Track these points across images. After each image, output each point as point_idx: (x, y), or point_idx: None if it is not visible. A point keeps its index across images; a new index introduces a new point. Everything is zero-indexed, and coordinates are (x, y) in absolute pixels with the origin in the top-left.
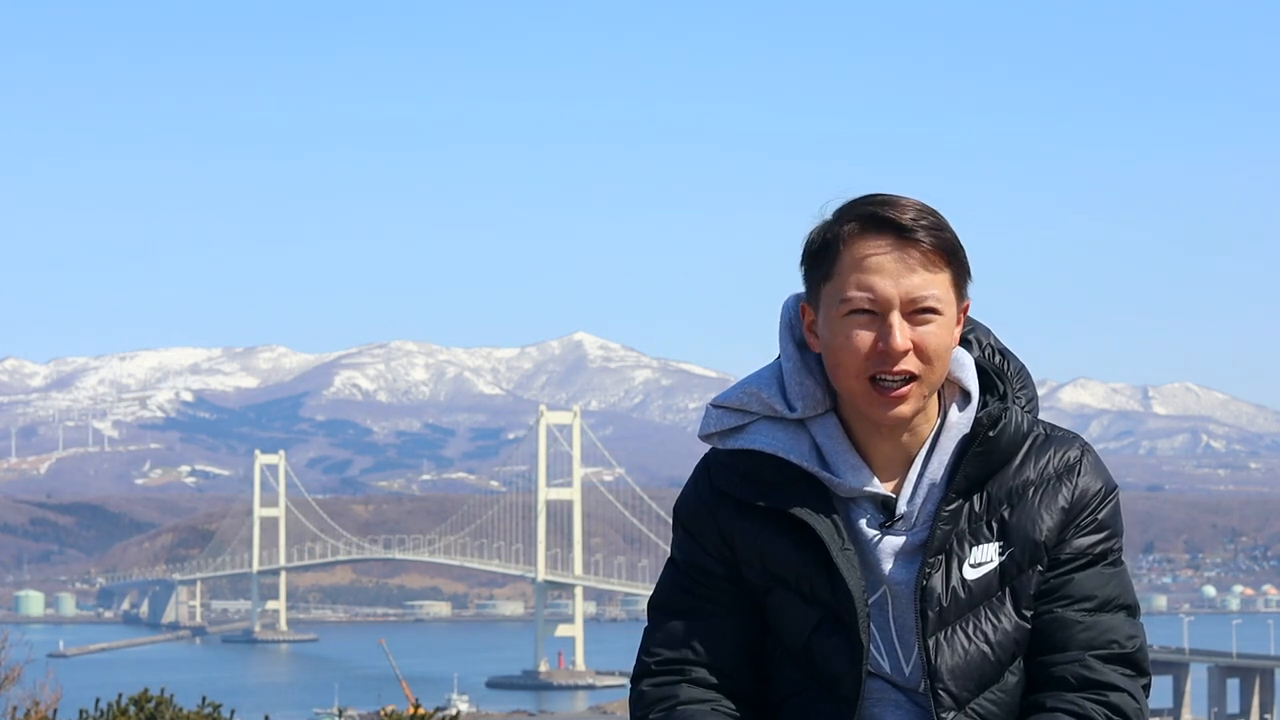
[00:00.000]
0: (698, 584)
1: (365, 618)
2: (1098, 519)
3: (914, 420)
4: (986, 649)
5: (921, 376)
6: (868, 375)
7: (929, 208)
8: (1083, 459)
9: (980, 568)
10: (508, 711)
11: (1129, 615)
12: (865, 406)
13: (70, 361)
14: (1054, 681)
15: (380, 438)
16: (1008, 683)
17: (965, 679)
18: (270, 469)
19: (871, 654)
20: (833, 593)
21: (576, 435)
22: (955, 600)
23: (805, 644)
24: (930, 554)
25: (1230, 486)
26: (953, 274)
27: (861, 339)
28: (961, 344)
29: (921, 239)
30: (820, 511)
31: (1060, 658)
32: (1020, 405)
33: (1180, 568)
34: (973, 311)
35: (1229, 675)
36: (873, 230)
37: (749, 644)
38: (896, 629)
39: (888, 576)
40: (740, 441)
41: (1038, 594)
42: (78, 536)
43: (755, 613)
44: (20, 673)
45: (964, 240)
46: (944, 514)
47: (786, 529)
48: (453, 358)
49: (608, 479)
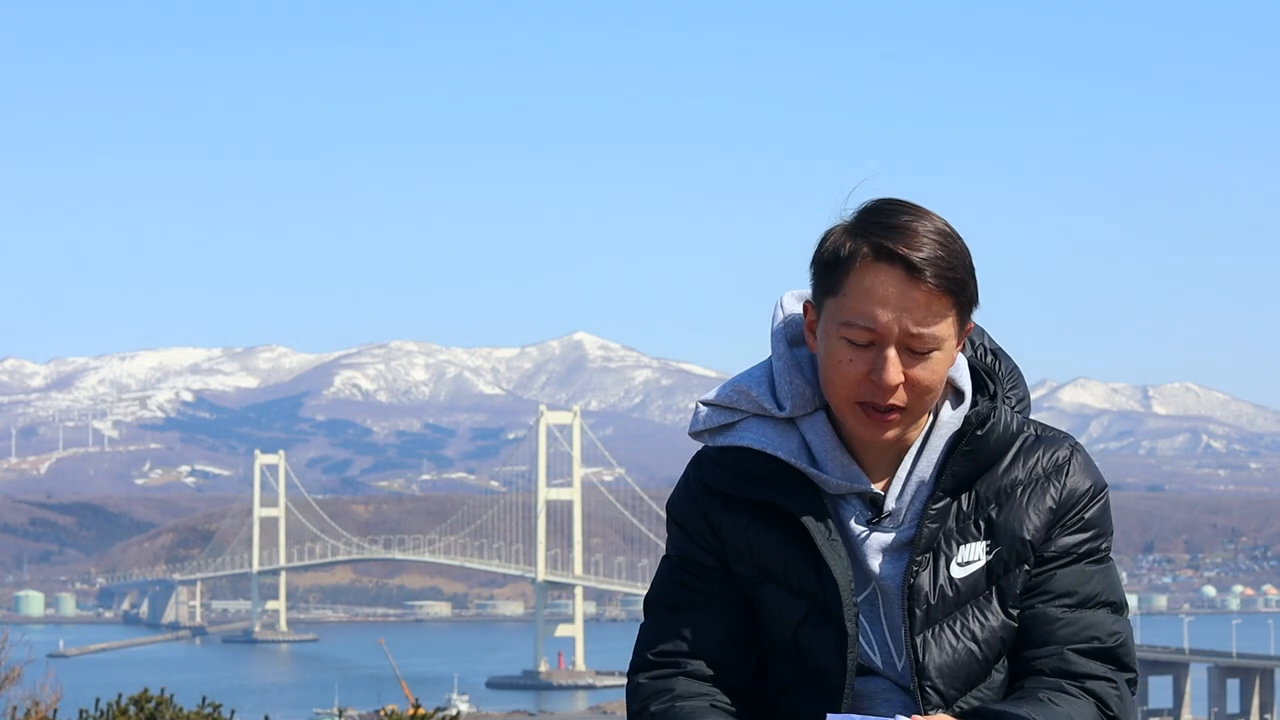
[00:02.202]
0: (692, 578)
1: (365, 618)
2: (1084, 518)
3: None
4: (974, 647)
5: (910, 408)
6: (856, 400)
7: (945, 241)
8: (1072, 459)
9: (968, 566)
10: (508, 711)
11: (1112, 612)
12: (853, 426)
13: (70, 361)
14: (1033, 674)
15: (380, 438)
16: (994, 680)
17: (953, 677)
18: (270, 469)
19: (863, 649)
20: (820, 584)
21: (576, 435)
22: (943, 598)
23: (793, 636)
24: (917, 552)
25: (1230, 486)
26: (957, 312)
27: (855, 366)
28: None
29: (929, 280)
30: (807, 506)
31: (1040, 652)
32: (1010, 405)
33: (1180, 568)
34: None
35: (1229, 675)
36: (884, 261)
37: (744, 636)
38: (887, 624)
39: (876, 573)
40: (729, 439)
41: (1022, 591)
42: (78, 536)
43: (749, 606)
44: (20, 673)
45: (964, 241)
46: (931, 512)
47: (774, 524)
48: (453, 358)
49: (608, 479)
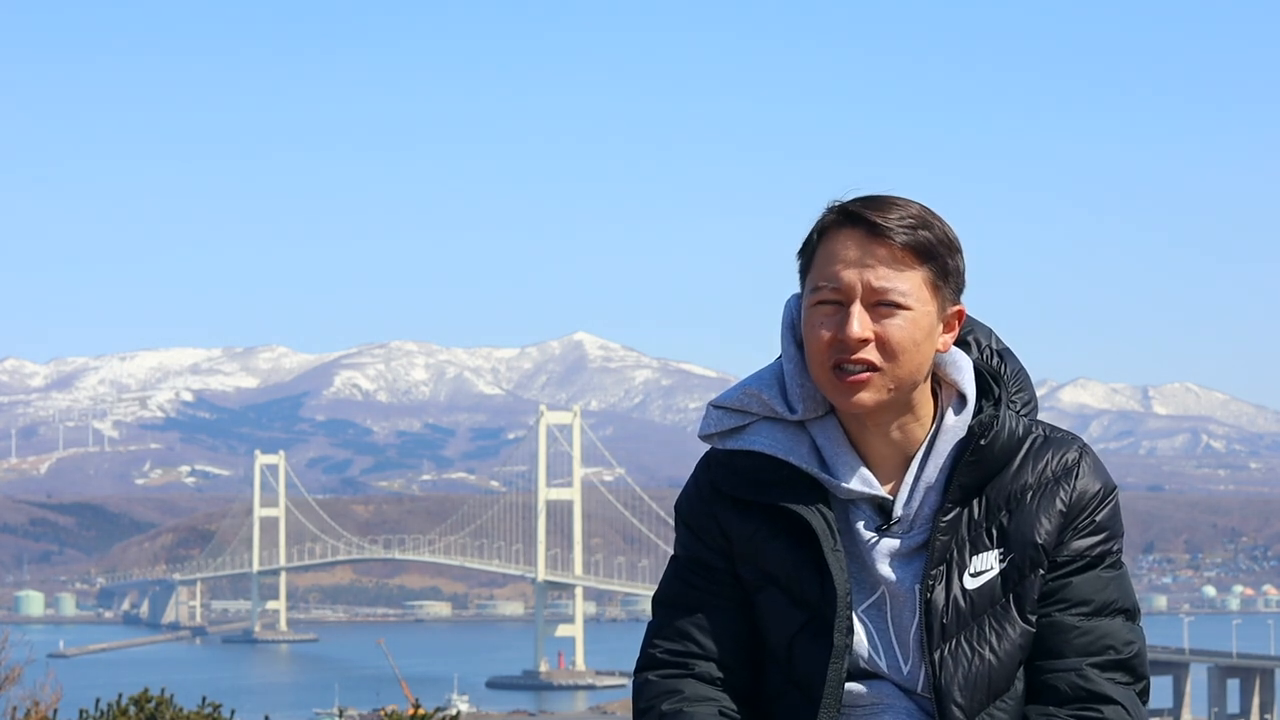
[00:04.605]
0: (701, 579)
1: (365, 618)
2: (1096, 521)
3: (904, 418)
4: (993, 659)
5: (884, 369)
6: (830, 364)
7: (918, 212)
8: (1081, 461)
9: (981, 576)
10: (508, 711)
11: (1127, 619)
12: (830, 395)
13: (70, 361)
14: (1048, 690)
15: (380, 438)
16: (1016, 690)
17: (975, 690)
18: (270, 469)
19: (869, 654)
20: (821, 594)
21: (576, 435)
22: (957, 611)
23: (789, 645)
24: (932, 565)
25: (1230, 486)
26: (929, 274)
27: (825, 327)
28: (960, 345)
29: (893, 237)
30: (816, 512)
31: (1056, 664)
32: (1015, 408)
33: (1180, 568)
34: (973, 310)
35: (1229, 675)
36: (847, 225)
37: (749, 639)
38: (894, 629)
39: (885, 578)
40: (740, 442)
41: (1039, 597)
42: (78, 536)
43: (753, 609)
44: (20, 673)
45: (962, 239)
46: (942, 524)
47: (782, 529)
48: (453, 358)
49: (608, 479)
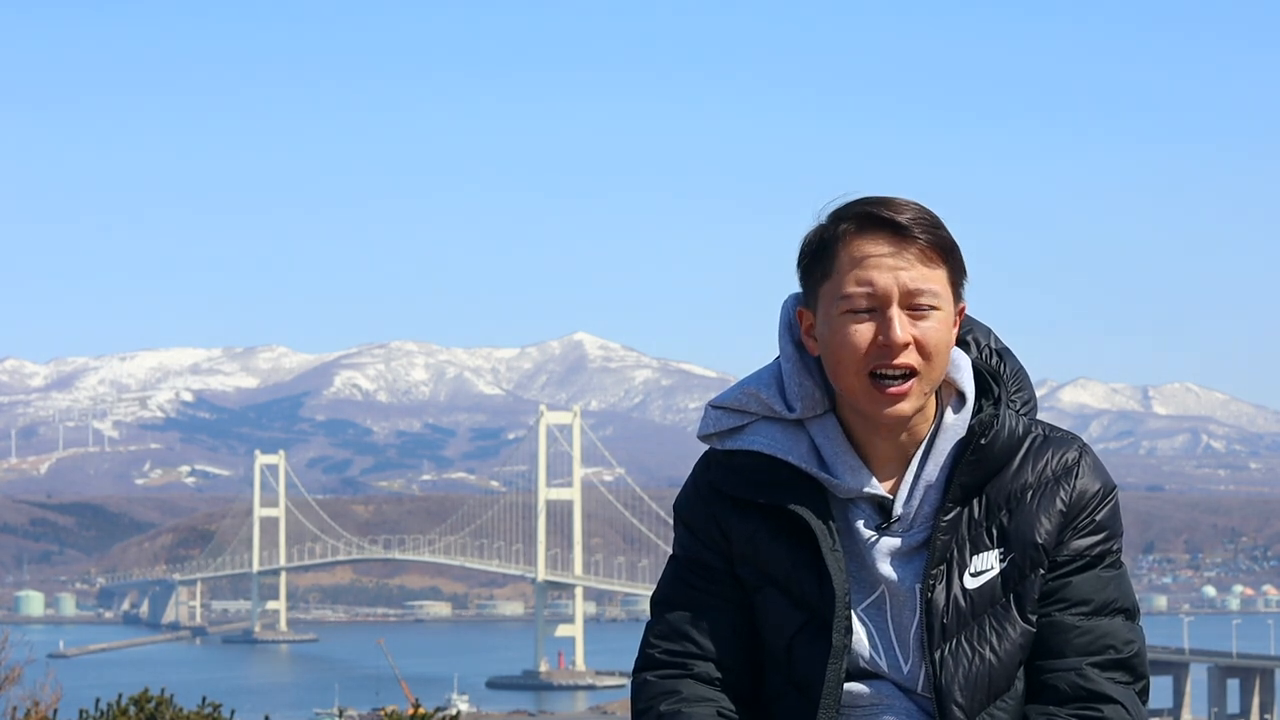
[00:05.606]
0: (700, 579)
1: (365, 618)
2: (1095, 520)
3: (912, 419)
4: (994, 658)
5: (921, 373)
6: (868, 371)
7: (925, 209)
8: (1081, 460)
9: (981, 576)
10: (508, 711)
11: (1127, 619)
12: (865, 405)
13: (70, 361)
14: (1048, 690)
15: (380, 438)
16: (1016, 690)
17: (975, 690)
18: (270, 469)
19: (869, 653)
20: (820, 594)
21: (576, 435)
22: (957, 611)
23: (788, 645)
24: (933, 565)
25: (1230, 486)
26: (949, 272)
27: (861, 334)
28: (959, 345)
29: (918, 236)
30: (816, 512)
31: (1056, 664)
32: (1015, 408)
33: (1180, 568)
34: (973, 310)
35: (1229, 675)
36: (870, 228)
37: (748, 640)
38: (895, 629)
39: (885, 577)
40: (739, 442)
41: (1040, 596)
42: (78, 537)
43: (752, 609)
44: (20, 673)
45: (963, 239)
46: (942, 524)
47: (781, 530)
48: (453, 358)
49: (608, 479)
